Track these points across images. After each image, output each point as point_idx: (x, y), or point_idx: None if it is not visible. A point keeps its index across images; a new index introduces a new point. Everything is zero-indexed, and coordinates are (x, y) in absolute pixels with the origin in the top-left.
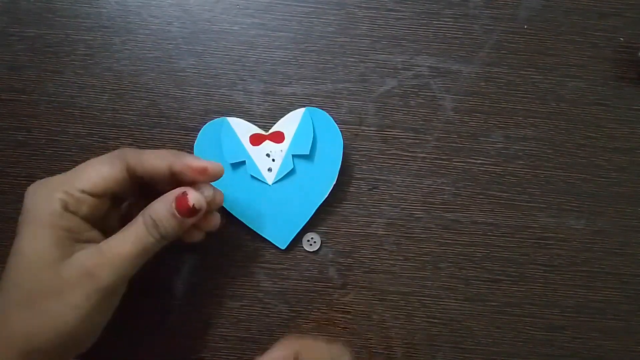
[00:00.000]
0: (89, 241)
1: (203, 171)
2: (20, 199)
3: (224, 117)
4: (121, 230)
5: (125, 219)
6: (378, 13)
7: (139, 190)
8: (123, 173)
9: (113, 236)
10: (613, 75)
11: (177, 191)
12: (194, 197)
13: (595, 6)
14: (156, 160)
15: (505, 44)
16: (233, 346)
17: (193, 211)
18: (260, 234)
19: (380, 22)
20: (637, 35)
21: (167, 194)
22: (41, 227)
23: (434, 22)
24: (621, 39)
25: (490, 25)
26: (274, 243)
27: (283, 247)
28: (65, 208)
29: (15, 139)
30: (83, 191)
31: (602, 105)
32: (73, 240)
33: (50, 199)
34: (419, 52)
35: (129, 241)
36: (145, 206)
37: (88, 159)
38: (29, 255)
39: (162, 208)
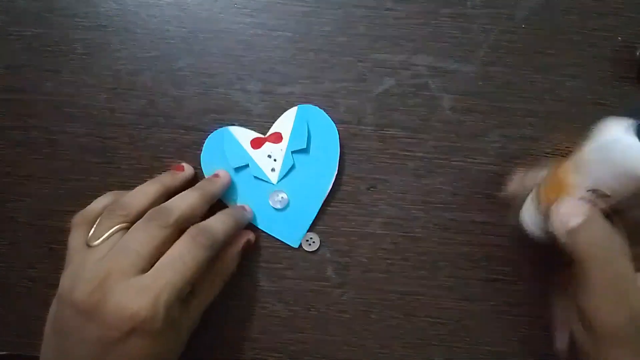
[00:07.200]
0: None
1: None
2: (20, 199)
3: (225, 127)
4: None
5: None
6: (376, 12)
7: None
8: None
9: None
10: (612, 74)
11: (244, 238)
12: (253, 238)
13: (594, 5)
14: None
15: (503, 43)
16: (233, 346)
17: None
18: (272, 234)
19: (379, 22)
20: (636, 35)
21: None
22: None
23: (432, 21)
24: (619, 38)
25: (488, 25)
26: (287, 242)
27: (296, 246)
28: None
29: (14, 138)
30: None
31: (600, 104)
32: None
33: None
34: (417, 51)
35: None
36: None
37: (87, 158)
38: None
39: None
